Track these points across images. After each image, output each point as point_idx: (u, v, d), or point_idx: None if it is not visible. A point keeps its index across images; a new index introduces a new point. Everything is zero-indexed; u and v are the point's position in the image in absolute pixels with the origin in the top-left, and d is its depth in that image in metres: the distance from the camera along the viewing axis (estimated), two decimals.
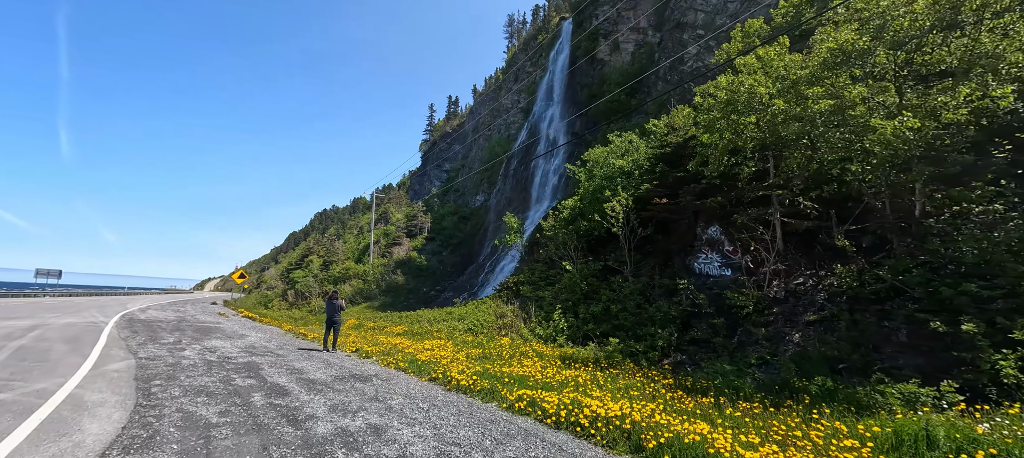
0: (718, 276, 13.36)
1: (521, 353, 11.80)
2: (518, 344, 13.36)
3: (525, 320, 15.99)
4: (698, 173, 14.58)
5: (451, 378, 8.27)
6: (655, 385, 7.85)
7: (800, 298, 10.58)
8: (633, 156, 17.31)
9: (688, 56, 25.30)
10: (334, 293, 13.00)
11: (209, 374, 7.79)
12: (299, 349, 12.14)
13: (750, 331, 10.59)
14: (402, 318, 23.32)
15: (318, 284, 47.10)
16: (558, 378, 8.52)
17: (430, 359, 10.82)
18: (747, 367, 9.33)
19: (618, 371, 9.25)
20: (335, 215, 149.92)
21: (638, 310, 13.39)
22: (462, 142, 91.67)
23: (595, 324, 13.90)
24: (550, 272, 21.49)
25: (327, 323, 12.43)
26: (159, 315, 21.61)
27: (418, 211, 57.49)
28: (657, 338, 11.73)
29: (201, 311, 26.89)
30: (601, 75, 40.01)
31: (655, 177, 15.13)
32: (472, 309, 21.86)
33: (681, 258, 15.86)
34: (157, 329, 15.11)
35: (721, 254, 13.42)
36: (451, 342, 14.58)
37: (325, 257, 56.64)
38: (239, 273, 41.31)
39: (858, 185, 10.23)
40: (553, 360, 10.94)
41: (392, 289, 42.65)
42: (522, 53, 70.61)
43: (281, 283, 58.74)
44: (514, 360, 10.88)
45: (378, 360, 10.93)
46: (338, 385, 7.49)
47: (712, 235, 13.80)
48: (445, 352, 12.18)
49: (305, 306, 43.90)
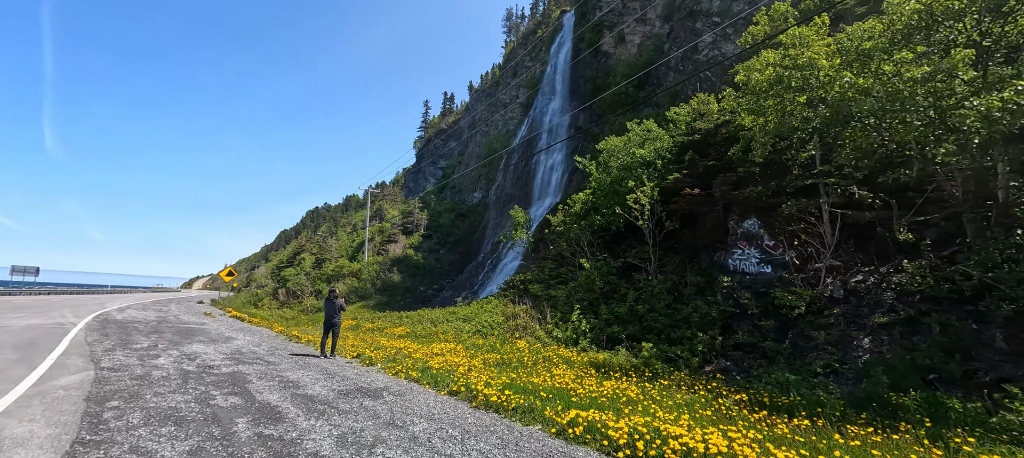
0: (755, 273, 12.18)
1: (544, 359, 10.50)
2: (537, 349, 12.07)
3: (540, 321, 14.70)
4: (731, 161, 13.39)
5: (476, 392, 6.95)
6: (724, 400, 6.59)
7: (862, 298, 9.42)
8: (656, 145, 16.09)
9: (703, 44, 24.20)
10: (333, 291, 11.59)
11: (183, 390, 6.37)
12: (293, 355, 10.71)
13: (807, 335, 9.40)
14: (402, 318, 21.90)
15: (310, 282, 45.40)
16: (601, 391, 7.24)
17: (443, 366, 9.48)
18: (812, 377, 8.13)
19: (668, 381, 7.99)
20: (327, 213, 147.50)
21: (668, 310, 12.17)
22: (458, 139, 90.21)
23: (620, 326, 12.65)
24: (560, 270, 20.22)
25: (326, 325, 11.03)
26: (138, 315, 19.95)
27: (414, 208, 55.92)
28: (696, 342, 10.50)
29: (185, 311, 25.19)
30: (606, 68, 38.84)
31: (684, 166, 13.92)
32: (477, 309, 20.53)
33: (708, 254, 14.67)
34: (132, 331, 13.55)
35: (760, 249, 12.24)
36: (461, 345, 13.24)
37: (318, 255, 54.84)
38: (227, 271, 39.50)
39: (928, 171, 9.08)
40: (583, 367, 9.66)
41: (388, 288, 41.12)
42: (521, 48, 69.27)
43: (272, 282, 56.81)
44: (539, 367, 9.59)
45: (384, 368, 9.56)
46: (343, 403, 6.12)
47: (749, 229, 12.62)
48: (458, 358, 10.84)
49: (296, 305, 42.20)
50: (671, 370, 9.44)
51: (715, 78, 21.96)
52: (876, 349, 8.20)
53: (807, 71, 9.44)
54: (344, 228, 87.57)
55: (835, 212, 10.61)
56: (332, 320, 11.05)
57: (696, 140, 14.29)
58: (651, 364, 9.62)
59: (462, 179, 68.15)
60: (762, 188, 11.68)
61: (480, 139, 73.10)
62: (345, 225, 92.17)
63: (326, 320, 11.03)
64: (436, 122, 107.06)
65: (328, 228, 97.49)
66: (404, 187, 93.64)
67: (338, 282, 43.32)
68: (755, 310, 10.39)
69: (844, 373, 8.06)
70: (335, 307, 11.17)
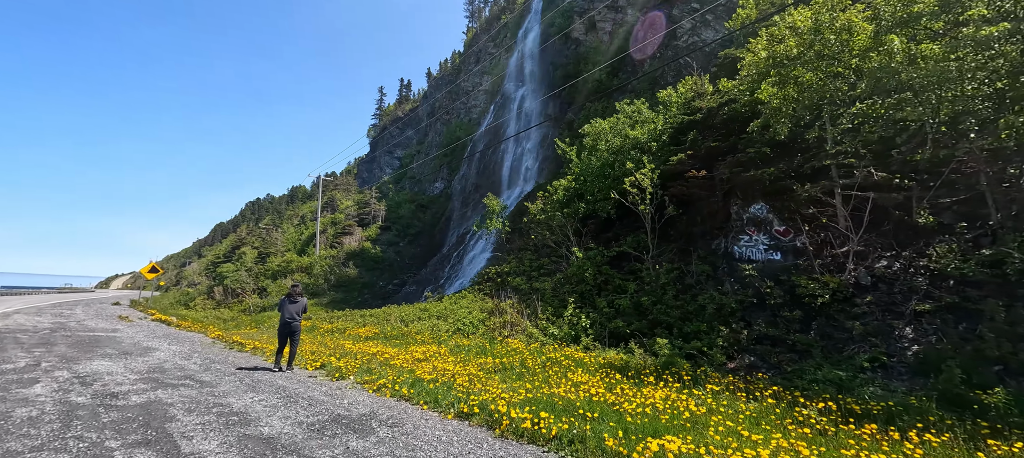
0: (763, 261, 11.48)
1: (550, 361, 9.03)
2: (536, 349, 10.58)
3: (531, 317, 13.23)
4: (734, 143, 12.59)
5: (497, 414, 5.32)
6: (805, 410, 5.44)
7: (892, 284, 8.84)
8: (650, 126, 15.09)
9: (681, 31, 23.72)
10: (295, 287, 9.35)
11: (60, 441, 4.18)
12: (237, 369, 8.42)
13: (837, 325, 8.67)
14: (366, 317, 19.54)
15: (253, 279, 40.88)
16: (647, 402, 5.87)
17: (435, 376, 7.72)
18: (858, 372, 7.31)
19: (718, 387, 6.79)
20: (270, 204, 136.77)
21: (676, 302, 11.15)
22: (415, 127, 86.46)
23: (623, 320, 11.48)
24: (542, 261, 18.88)
25: (282, 330, 8.80)
26: (26, 321, 16.04)
27: (371, 198, 52.28)
28: (714, 335, 9.51)
29: (94, 314, 21.02)
30: (576, 55, 37.91)
31: (685, 147, 12.96)
32: (451, 305, 18.70)
33: (705, 242, 13.90)
34: (8, 345, 10.36)
35: (769, 235, 11.55)
36: (444, 347, 11.46)
37: (261, 249, 49.75)
38: (151, 267, 34.32)
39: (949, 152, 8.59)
40: (601, 371, 8.31)
41: (343, 283, 37.84)
42: (484, 33, 67.00)
43: (206, 279, 50.88)
44: (551, 373, 8.10)
45: (359, 382, 7.62)
46: (320, 448, 4.24)
47: (756, 214, 11.90)
48: (447, 364, 9.10)
49: (236, 305, 37.73)
50: (695, 369, 8.32)
51: (696, 64, 21.49)
52: (922, 339, 7.54)
53: (844, 35, 8.59)
54: (290, 220, 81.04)
55: (855, 195, 10.02)
56: (291, 324, 8.85)
57: (697, 120, 13.42)
58: (675, 363, 8.45)
59: (422, 168, 65.09)
60: (775, 169, 10.90)
61: (441, 127, 70.24)
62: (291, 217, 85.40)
63: (283, 324, 8.81)
64: (392, 110, 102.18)
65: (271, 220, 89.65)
66: (357, 177, 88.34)
67: (284, 278, 39.25)
68: (778, 299, 9.56)
69: (893, 366, 7.30)
70: (298, 307, 8.97)
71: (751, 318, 10.11)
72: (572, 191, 18.94)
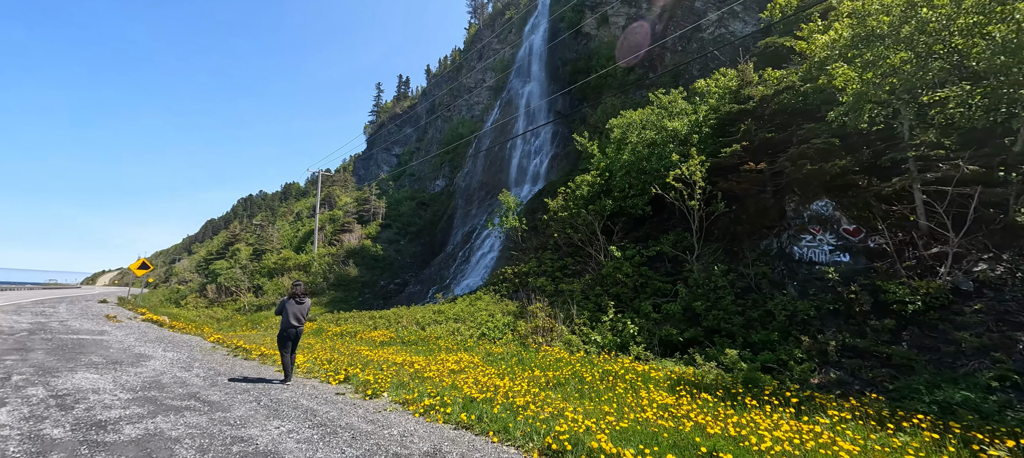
0: (826, 263, 10.42)
1: (611, 375, 7.86)
2: (583, 359, 9.42)
3: (566, 321, 12.05)
4: (793, 136, 11.54)
5: (603, 455, 4.14)
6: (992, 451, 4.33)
7: (1000, 290, 7.81)
8: (690, 117, 14.00)
9: (708, 23, 22.75)
10: (298, 286, 8.15)
11: None
12: (244, 381, 7.16)
13: (941, 335, 7.61)
14: (375, 319, 18.24)
15: (248, 277, 39.24)
16: (773, 435, 4.73)
17: (489, 394, 6.52)
18: (986, 392, 6.23)
19: (837, 412, 5.65)
20: (263, 201, 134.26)
21: (735, 307, 10.04)
22: (414, 124, 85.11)
23: (674, 326, 10.35)
24: (565, 261, 17.73)
25: (282, 335, 7.64)
26: (2, 321, 14.52)
27: (371, 194, 50.78)
28: (792, 347, 8.41)
29: (80, 313, 19.46)
30: (587, 50, 36.87)
31: (739, 138, 11.88)
32: (467, 307, 17.49)
33: (752, 241, 12.85)
34: None
35: (835, 234, 10.49)
36: (475, 356, 10.24)
37: (256, 245, 48.03)
38: (140, 263, 32.62)
39: None
40: (671, 385, 7.17)
41: (343, 282, 36.39)
42: (488, 30, 65.82)
43: (198, 276, 49.05)
44: (618, 389, 6.93)
45: (396, 400, 6.41)
46: None
47: (819, 211, 10.84)
48: (488, 376, 7.91)
49: (230, 303, 36.16)
50: (782, 387, 7.21)
51: (724, 56, 20.50)
52: None
53: (946, 9, 7.54)
54: (285, 217, 79.08)
55: (937, 190, 9.00)
56: (292, 327, 7.66)
57: (748, 110, 12.35)
58: (757, 380, 7.33)
59: (422, 166, 63.75)
60: (845, 161, 9.85)
61: (442, 124, 68.96)
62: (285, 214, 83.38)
63: (284, 328, 7.60)
64: (389, 107, 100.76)
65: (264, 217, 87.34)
66: (354, 174, 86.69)
67: (282, 276, 37.69)
68: (865, 306, 8.48)
69: None
70: (300, 309, 7.76)
71: (823, 327, 9.04)
72: (597, 187, 17.82)
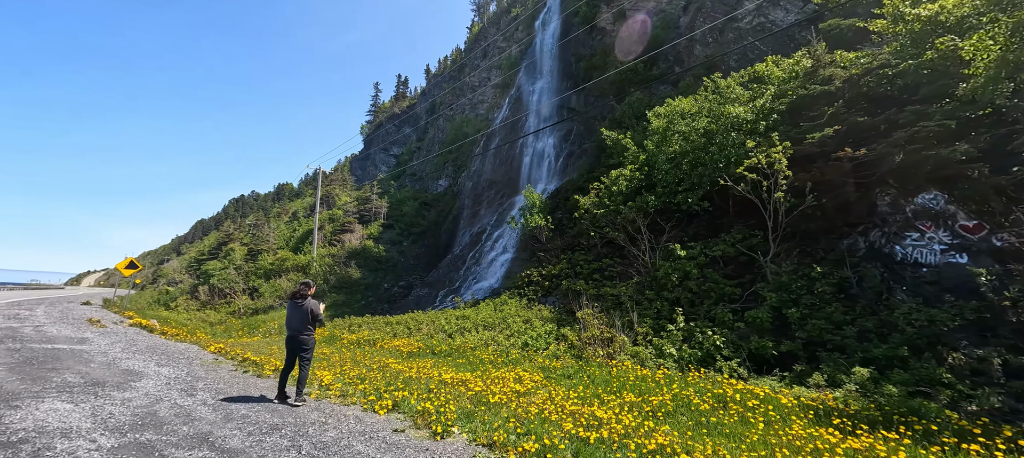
0: (939, 265, 8.99)
1: (725, 400, 6.30)
2: (671, 377, 7.85)
3: (627, 330, 10.47)
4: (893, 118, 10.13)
5: None
6: None
7: None
8: (758, 101, 12.57)
9: (744, 13, 21.48)
10: (305, 287, 6.55)
11: None
12: (264, 408, 5.46)
13: None
14: (393, 326, 16.53)
15: (243, 278, 37.20)
16: None
17: (601, 435, 4.92)
18: None
19: None
20: (255, 202, 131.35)
21: (844, 316, 8.55)
22: (414, 124, 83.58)
23: (763, 338, 8.82)
24: (602, 262, 16.20)
25: (291, 345, 6.11)
26: None
27: (372, 194, 48.92)
28: (931, 366, 6.92)
29: (59, 317, 17.46)
30: (603, 46, 35.58)
31: (824, 123, 10.41)
32: (492, 312, 15.89)
33: (830, 240, 11.43)
34: None
35: (950, 232, 9.08)
36: (537, 373, 8.61)
37: (251, 245, 45.88)
38: (128, 262, 30.46)
39: None
40: (799, 413, 5.64)
41: (345, 285, 34.51)
42: (492, 27, 64.53)
43: (189, 277, 46.75)
44: (759, 424, 5.37)
45: (476, 439, 4.79)
46: None
47: (927, 205, 9.42)
48: (569, 401, 6.32)
49: (223, 306, 34.11)
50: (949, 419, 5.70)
51: (766, 48, 19.21)
52: None
53: None
54: (280, 217, 76.71)
55: None
56: (300, 336, 6.09)
57: (832, 91, 10.94)
58: (917, 409, 5.81)
59: (424, 166, 62.12)
60: (967, 147, 8.44)
61: (443, 124, 67.43)
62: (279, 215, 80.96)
63: (291, 337, 6.08)
64: (387, 106, 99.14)
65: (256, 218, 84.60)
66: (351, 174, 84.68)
67: (280, 278, 35.68)
68: (1015, 318, 7.03)
69: None
70: (298, 314, 6.13)
71: (959, 341, 7.57)
72: (636, 181, 16.35)
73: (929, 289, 8.79)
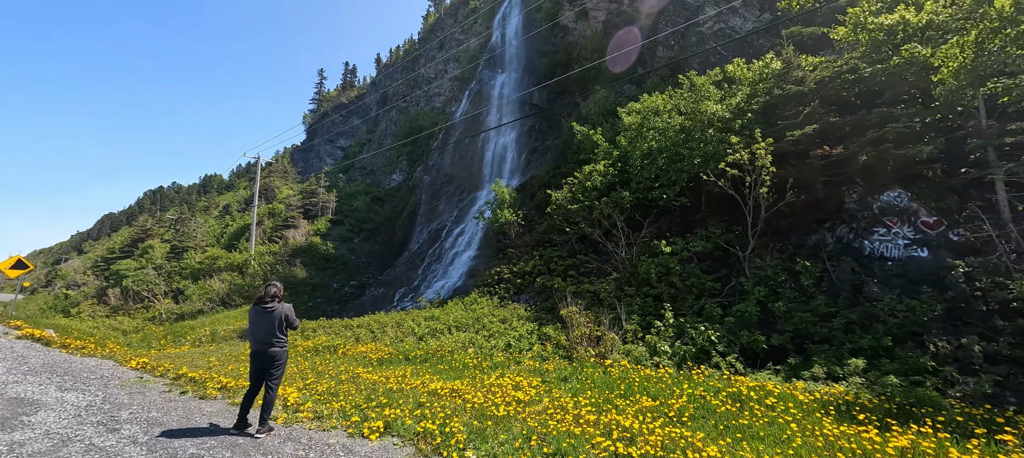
0: (902, 259, 9.57)
1: (740, 399, 6.04)
2: (675, 376, 7.53)
3: (615, 328, 10.11)
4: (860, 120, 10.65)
5: None
6: None
7: None
8: (731, 99, 12.82)
9: (705, 20, 22.29)
10: (271, 289, 5.30)
11: None
12: (217, 440, 4.29)
13: None
14: (354, 330, 15.05)
15: (165, 279, 32.78)
16: None
17: (644, 450, 4.35)
18: None
19: None
20: (177, 194, 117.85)
21: (826, 309, 8.76)
22: (363, 116, 79.43)
23: (752, 332, 8.84)
24: (577, 258, 15.89)
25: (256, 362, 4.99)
26: None
27: (319, 187, 45.45)
28: (915, 355, 7.18)
29: None
30: (565, 43, 35.65)
31: (799, 123, 10.75)
32: (465, 313, 15.03)
33: (799, 235, 11.92)
34: None
35: (913, 227, 9.67)
36: (535, 378, 7.93)
37: (174, 242, 40.70)
38: (13, 261, 25.47)
39: None
40: (818, 410, 5.52)
41: (289, 286, 31.51)
42: (450, 18, 62.76)
43: (95, 279, 40.52)
44: (790, 426, 5.10)
45: None
46: None
47: (892, 202, 9.99)
48: (583, 409, 5.75)
49: (140, 311, 29.78)
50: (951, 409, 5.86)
51: (727, 52, 20.01)
52: None
53: None
54: (207, 211, 69.23)
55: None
56: (270, 350, 4.95)
57: (806, 91, 11.35)
58: (923, 398, 5.90)
59: (375, 159, 59.04)
60: (931, 147, 9.01)
61: (396, 116, 64.62)
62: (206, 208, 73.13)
63: (258, 352, 4.94)
64: (333, 96, 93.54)
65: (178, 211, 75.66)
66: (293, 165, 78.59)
67: (211, 278, 31.84)
68: (995, 306, 7.49)
69: None
70: (276, 322, 5.05)
71: (938, 331, 7.99)
72: (610, 177, 16.21)
73: (897, 281, 9.29)
